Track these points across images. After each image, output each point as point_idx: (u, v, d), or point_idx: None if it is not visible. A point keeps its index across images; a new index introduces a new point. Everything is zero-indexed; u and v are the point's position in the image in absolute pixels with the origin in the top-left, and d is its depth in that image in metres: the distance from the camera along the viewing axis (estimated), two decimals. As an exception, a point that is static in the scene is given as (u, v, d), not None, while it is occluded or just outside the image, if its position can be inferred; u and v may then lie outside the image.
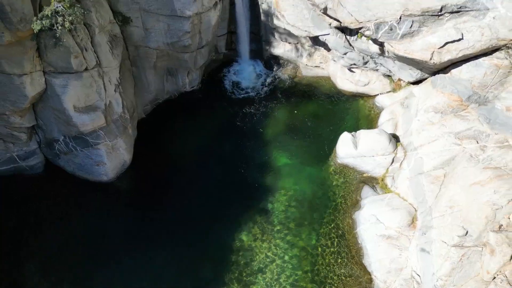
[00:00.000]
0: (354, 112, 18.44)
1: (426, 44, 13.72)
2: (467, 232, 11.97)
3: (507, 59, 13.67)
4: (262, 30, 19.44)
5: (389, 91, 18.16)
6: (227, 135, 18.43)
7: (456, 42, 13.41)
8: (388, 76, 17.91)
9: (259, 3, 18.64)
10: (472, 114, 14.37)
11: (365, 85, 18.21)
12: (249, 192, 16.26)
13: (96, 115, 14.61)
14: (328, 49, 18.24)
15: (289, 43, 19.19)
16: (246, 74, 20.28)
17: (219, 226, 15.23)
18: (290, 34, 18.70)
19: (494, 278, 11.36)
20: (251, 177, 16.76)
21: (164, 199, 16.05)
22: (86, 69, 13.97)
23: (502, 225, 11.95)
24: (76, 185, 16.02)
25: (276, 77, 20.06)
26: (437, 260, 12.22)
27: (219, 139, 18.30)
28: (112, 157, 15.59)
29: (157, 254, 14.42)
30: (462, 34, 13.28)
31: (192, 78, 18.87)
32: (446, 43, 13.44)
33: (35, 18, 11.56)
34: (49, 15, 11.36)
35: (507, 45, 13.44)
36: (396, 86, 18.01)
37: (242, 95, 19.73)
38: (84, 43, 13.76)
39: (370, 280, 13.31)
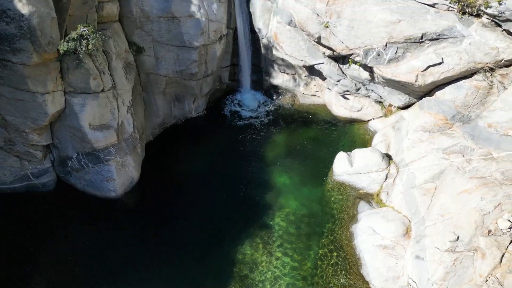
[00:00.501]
0: (349, 135, 19.48)
1: (411, 68, 15.08)
2: (458, 237, 12.47)
3: (485, 80, 14.96)
4: (262, 62, 21.08)
5: (381, 116, 19.33)
6: (230, 158, 19.30)
7: (437, 66, 14.76)
8: (380, 102, 19.18)
9: (260, 38, 20.41)
10: (457, 132, 15.39)
11: (358, 110, 19.43)
12: (251, 210, 16.80)
13: (109, 132, 15.65)
14: (323, 78, 19.70)
15: (287, 73, 20.72)
16: (248, 102, 21.62)
17: (222, 240, 15.63)
18: (288, 66, 20.27)
19: (487, 280, 11.74)
20: (253, 195, 17.39)
21: (169, 216, 16.57)
22: (102, 90, 15.25)
23: (490, 230, 12.52)
24: (85, 201, 16.64)
25: (276, 105, 21.37)
26: (431, 265, 12.59)
27: (222, 161, 19.13)
28: (121, 174, 16.38)
29: (162, 268, 14.69)
30: (442, 58, 14.67)
31: (198, 105, 20.17)
32: (429, 66, 14.78)
33: (62, 40, 12.98)
34: (75, 38, 12.79)
35: (484, 68, 14.83)
36: (387, 111, 19.21)
37: (244, 122, 20.89)
38: (102, 67, 15.17)
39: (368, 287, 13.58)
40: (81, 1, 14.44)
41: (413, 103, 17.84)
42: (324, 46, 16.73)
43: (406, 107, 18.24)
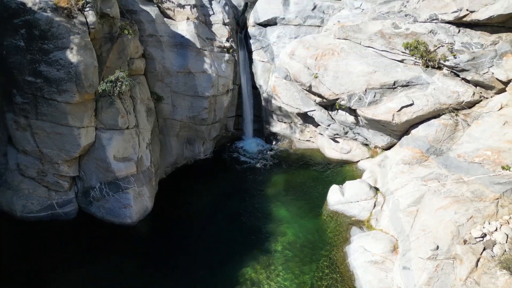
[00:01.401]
0: (341, 174, 21.41)
1: (388, 109, 17.71)
2: (437, 247, 13.82)
3: (451, 119, 17.51)
4: (263, 113, 23.91)
5: (368, 157, 21.50)
6: (234, 195, 20.97)
7: (409, 106, 17.40)
8: (366, 144, 21.52)
9: (261, 93, 23.52)
10: (432, 163, 17.45)
11: (347, 152, 21.68)
12: (253, 238, 18.05)
13: (130, 164, 17.70)
14: (316, 125, 22.32)
15: (285, 122, 23.41)
16: (250, 148, 23.94)
17: (226, 265, 16.68)
18: (285, 115, 23.05)
19: (466, 282, 12.87)
20: (255, 226, 18.75)
21: (178, 243, 17.76)
22: (127, 128, 17.68)
23: (466, 240, 13.94)
24: (103, 229, 17.99)
25: (275, 150, 23.68)
26: (416, 273, 13.73)
27: (227, 198, 20.77)
28: (137, 202, 18.02)
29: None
30: (413, 101, 17.36)
31: (206, 148, 22.48)
32: (402, 107, 17.42)
33: (102, 82, 15.77)
34: (112, 80, 15.60)
35: (449, 109, 17.47)
36: (373, 152, 21.44)
37: (246, 165, 22.95)
38: (129, 109, 17.80)
39: (362, 300, 14.44)
40: (116, 56, 17.62)
41: (395, 144, 20.17)
42: (314, 93, 19.65)
43: (389, 147, 20.52)
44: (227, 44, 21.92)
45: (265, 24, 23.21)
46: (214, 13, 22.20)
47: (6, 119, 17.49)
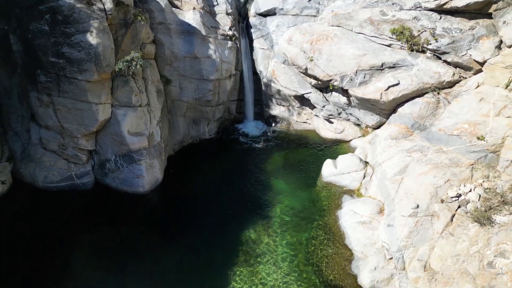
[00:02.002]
0: (334, 151, 22.94)
1: (376, 88, 19.29)
2: (418, 206, 15.40)
3: (433, 97, 19.11)
4: (263, 97, 25.48)
5: (360, 136, 23.06)
6: (236, 171, 22.55)
7: (395, 86, 18.98)
8: (358, 124, 23.09)
9: (261, 78, 25.09)
10: (416, 137, 19.02)
11: (341, 132, 23.26)
12: (254, 206, 19.61)
13: (142, 138, 19.28)
14: (312, 108, 23.89)
15: (283, 106, 25.00)
16: (251, 129, 25.53)
17: (230, 228, 18.25)
18: (283, 99, 24.63)
19: (442, 234, 14.46)
20: (256, 197, 20.31)
21: (186, 210, 19.34)
22: (140, 105, 19.24)
23: (443, 199, 15.53)
24: (118, 198, 19.58)
25: (274, 131, 25.26)
26: (399, 229, 15.31)
27: (230, 173, 22.34)
28: (149, 173, 19.60)
29: (179, 247, 17.21)
30: (399, 81, 18.94)
31: (211, 128, 24.07)
32: (389, 86, 19.00)
33: (118, 62, 17.35)
34: (128, 60, 17.18)
35: (431, 88, 19.04)
36: (364, 132, 23.01)
37: (248, 145, 24.51)
38: (141, 88, 19.37)
39: (351, 254, 16.01)
40: (130, 40, 19.17)
41: (384, 123, 21.74)
42: (310, 76, 21.23)
43: (378, 126, 22.06)
44: (230, 33, 23.49)
45: (265, 14, 24.79)
46: (218, 4, 23.78)
47: (29, 98, 19.06)
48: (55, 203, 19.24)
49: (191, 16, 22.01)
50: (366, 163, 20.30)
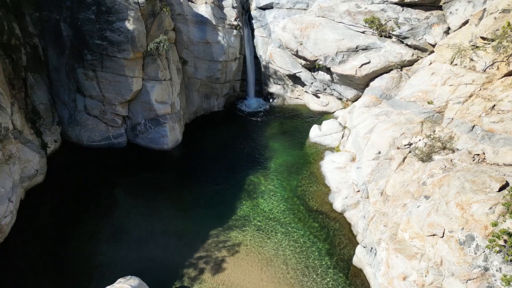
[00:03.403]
0: (321, 120, 27.36)
1: (352, 66, 23.63)
2: (379, 152, 19.79)
3: (397, 73, 23.44)
4: (262, 77, 29.79)
5: (342, 108, 27.41)
6: (240, 136, 26.84)
7: (367, 64, 23.30)
8: (340, 98, 27.45)
9: (261, 61, 29.39)
10: (383, 105, 23.35)
11: (326, 105, 27.62)
12: (255, 161, 23.94)
13: (166, 106, 23.64)
14: (303, 85, 28.22)
15: (279, 84, 29.30)
16: (252, 104, 29.87)
17: (236, 175, 22.58)
18: (279, 78, 28.95)
19: (396, 171, 18.88)
20: (256, 154, 24.66)
21: (201, 163, 23.66)
22: (164, 80, 23.60)
23: (398, 147, 19.92)
24: (147, 153, 24.00)
25: (271, 105, 29.63)
26: (365, 169, 19.69)
27: (235, 138, 26.61)
28: (172, 134, 23.99)
29: (199, 188, 21.54)
30: (370, 60, 23.27)
31: (219, 102, 28.43)
32: (362, 64, 23.32)
33: (149, 43, 21.68)
34: (158, 41, 21.51)
35: (395, 66, 23.37)
36: (345, 104, 27.38)
37: (249, 116, 28.86)
38: (165, 66, 23.72)
39: (329, 190, 20.44)
40: (156, 27, 23.45)
41: (360, 96, 26.10)
42: (300, 57, 25.55)
43: (356, 99, 26.43)
44: (235, 23, 27.73)
45: (264, 8, 29.02)
46: (225, -1, 28.04)
47: (76, 73, 23.40)
48: (97, 157, 23.71)
49: (203, 8, 26.26)
50: (345, 127, 24.71)
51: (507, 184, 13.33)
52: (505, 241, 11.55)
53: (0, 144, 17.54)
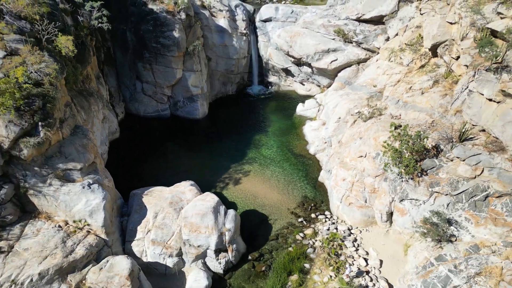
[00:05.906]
0: (305, 100, 36.76)
1: (325, 62, 32.97)
2: (339, 117, 29.23)
3: (356, 67, 32.85)
4: (264, 70, 39.17)
5: (320, 92, 36.84)
6: (248, 112, 36.05)
7: (335, 61, 32.67)
8: (319, 85, 36.88)
9: (263, 59, 38.78)
10: (346, 88, 32.73)
11: (309, 90, 37.03)
12: (259, 128, 33.27)
13: (198, 89, 33.05)
14: (292, 76, 37.61)
15: (275, 75, 38.71)
16: (256, 90, 39.23)
17: (246, 136, 31.95)
18: (276, 71, 38.34)
19: (350, 128, 28.37)
20: (258, 123, 33.94)
21: (222, 129, 33.01)
22: (197, 71, 32.98)
23: (352, 114, 29.41)
24: (184, 122, 33.45)
25: (270, 91, 39.04)
26: (330, 128, 29.12)
27: (244, 113, 35.84)
28: (201, 108, 33.38)
29: (221, 144, 30.92)
30: (337, 58, 32.65)
31: (232, 88, 37.85)
32: (332, 61, 32.69)
33: (188, 46, 31.09)
34: (195, 45, 30.91)
35: (355, 62, 32.77)
36: (322, 90, 36.76)
37: (254, 98, 38.20)
38: (197, 61, 33.13)
39: (307, 143, 29.93)
40: (192, 35, 32.80)
41: (332, 84, 35.50)
42: (290, 56, 34.91)
43: (329, 86, 35.83)
44: (244, 31, 37.03)
45: (265, 21, 38.29)
46: (237, 14, 37.24)
47: (137, 66, 32.78)
48: (151, 124, 33.11)
49: (222, 21, 35.58)
50: (320, 104, 34.17)
51: (400, 126, 22.85)
52: (393, 152, 21.08)
53: (102, 107, 27.06)
